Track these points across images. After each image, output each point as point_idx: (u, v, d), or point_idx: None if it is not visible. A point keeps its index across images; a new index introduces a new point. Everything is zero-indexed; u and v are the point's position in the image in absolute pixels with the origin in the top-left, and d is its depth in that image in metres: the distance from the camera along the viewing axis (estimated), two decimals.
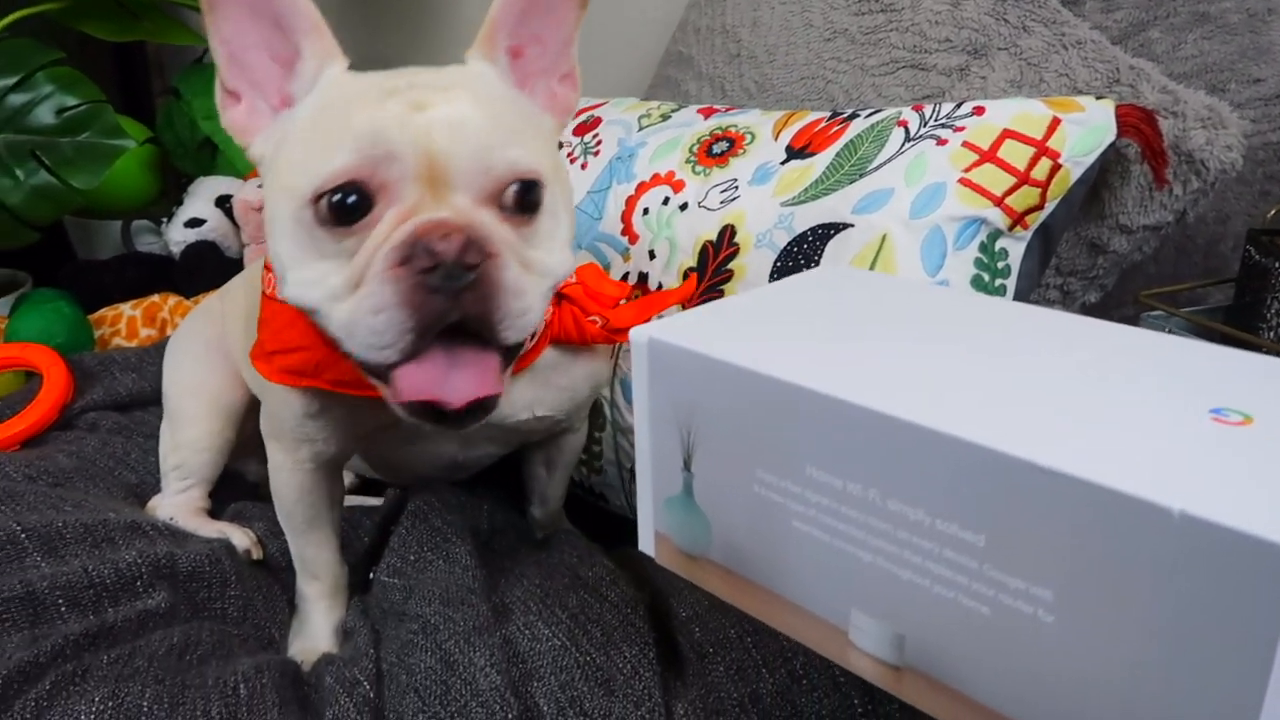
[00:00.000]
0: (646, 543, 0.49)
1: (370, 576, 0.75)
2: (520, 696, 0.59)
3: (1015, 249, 0.73)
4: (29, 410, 0.92)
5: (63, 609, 0.63)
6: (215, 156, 1.49)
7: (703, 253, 0.79)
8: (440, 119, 0.51)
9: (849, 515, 0.38)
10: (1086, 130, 0.71)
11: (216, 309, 0.91)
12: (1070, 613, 0.32)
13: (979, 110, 0.73)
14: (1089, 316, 0.45)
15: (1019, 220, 0.71)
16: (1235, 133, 0.74)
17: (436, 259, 0.47)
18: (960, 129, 0.72)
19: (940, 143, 0.72)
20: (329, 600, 0.73)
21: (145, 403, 1.01)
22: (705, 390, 0.43)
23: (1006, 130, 0.71)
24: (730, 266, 0.77)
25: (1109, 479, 0.30)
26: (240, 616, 0.72)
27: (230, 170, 1.48)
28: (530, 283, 0.52)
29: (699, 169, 0.83)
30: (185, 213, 1.37)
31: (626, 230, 0.86)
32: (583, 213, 0.90)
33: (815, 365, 0.40)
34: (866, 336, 0.44)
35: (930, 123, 0.74)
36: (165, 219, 1.43)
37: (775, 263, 0.74)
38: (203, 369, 0.86)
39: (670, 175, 0.85)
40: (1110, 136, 0.71)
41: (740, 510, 0.43)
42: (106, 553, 0.69)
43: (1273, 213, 0.75)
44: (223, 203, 1.38)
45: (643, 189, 0.86)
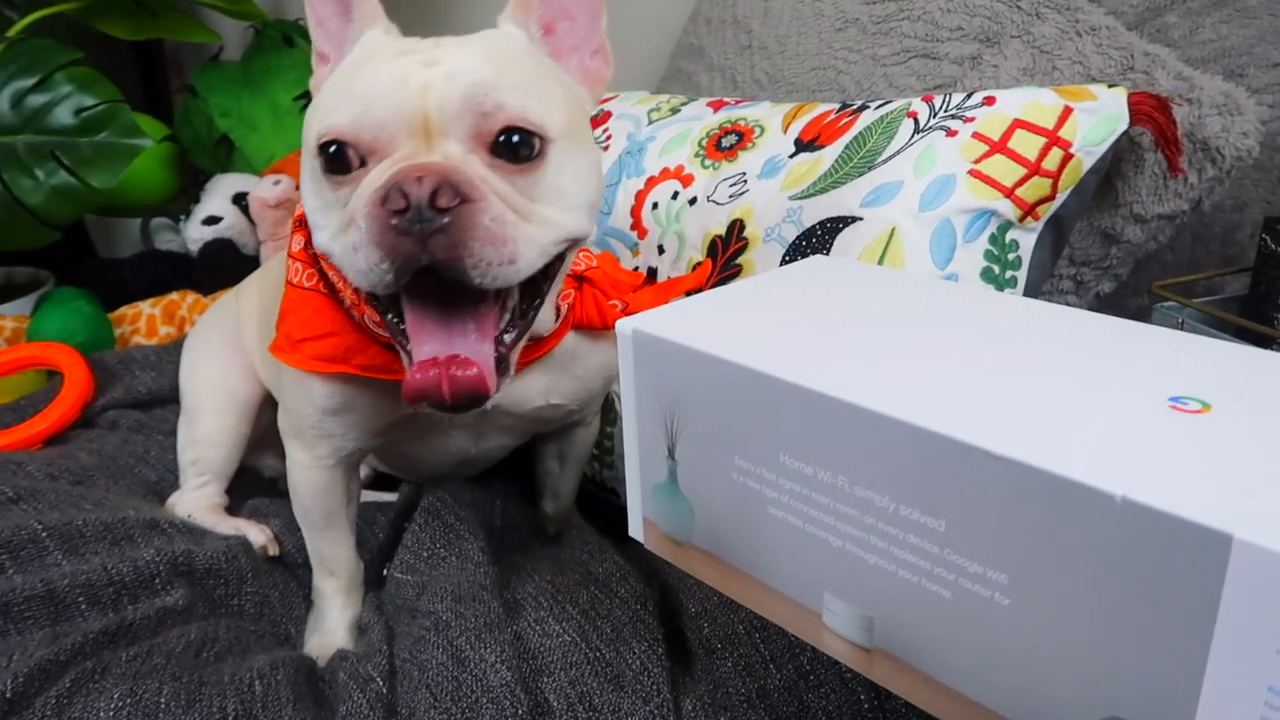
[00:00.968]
0: (636, 528, 0.50)
1: (384, 573, 0.76)
2: (530, 692, 0.59)
3: (1026, 240, 0.72)
4: (51, 409, 0.94)
5: (83, 607, 0.65)
6: (232, 154, 1.50)
7: (711, 247, 0.79)
8: (442, 72, 0.52)
9: (820, 501, 0.40)
10: (1098, 119, 0.70)
11: (232, 305, 0.92)
12: (1024, 595, 0.33)
13: (989, 100, 0.72)
14: (1079, 309, 0.45)
15: (1030, 211, 0.71)
16: (1252, 119, 0.73)
17: (408, 200, 0.48)
18: (970, 119, 0.71)
19: (950, 134, 0.71)
20: (345, 596, 0.74)
21: (164, 400, 1.03)
22: (687, 380, 0.44)
23: (1017, 120, 0.70)
24: (739, 261, 0.77)
25: (1056, 465, 0.31)
26: (257, 613, 0.73)
27: (247, 167, 1.49)
28: (523, 231, 0.52)
29: (708, 163, 0.83)
30: (202, 210, 1.39)
31: (636, 225, 0.86)
32: None
33: (789, 356, 0.41)
34: (842, 328, 0.45)
35: (940, 114, 0.73)
36: (183, 216, 1.44)
37: (784, 256, 0.74)
38: (218, 364, 0.88)
39: (679, 169, 0.85)
40: (1123, 125, 0.70)
41: (720, 497, 0.44)
42: (126, 550, 0.70)
43: None
44: (239, 200, 1.39)
45: (652, 183, 0.86)
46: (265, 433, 0.88)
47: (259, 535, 0.80)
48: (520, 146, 0.53)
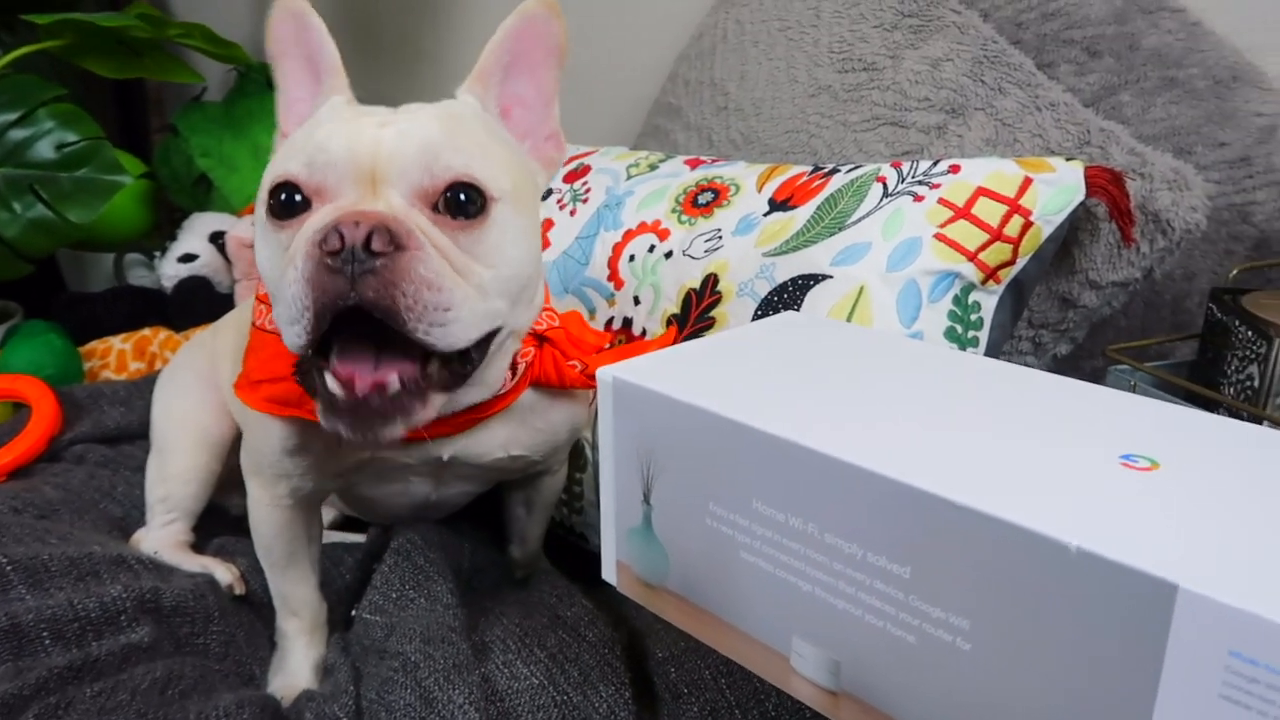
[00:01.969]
0: (609, 571, 0.51)
1: (352, 614, 0.76)
2: None
3: (988, 302, 0.75)
4: (16, 441, 0.93)
5: (47, 642, 0.64)
6: (210, 193, 1.51)
7: (686, 300, 0.81)
8: (394, 130, 0.55)
9: (791, 547, 0.41)
10: (1057, 190, 0.73)
11: (208, 343, 0.92)
12: (985, 641, 0.35)
13: (954, 168, 0.75)
14: (1037, 370, 0.47)
15: (991, 275, 0.74)
16: (1199, 194, 0.77)
17: (343, 241, 0.50)
18: (936, 186, 0.75)
19: (917, 199, 0.74)
20: (308, 637, 0.73)
21: (132, 436, 1.02)
22: (664, 428, 0.46)
23: (980, 188, 0.74)
24: (712, 314, 0.79)
25: (1015, 516, 0.33)
26: (222, 652, 0.72)
27: (225, 206, 1.50)
28: (462, 290, 0.53)
29: (684, 218, 0.86)
30: (179, 248, 1.39)
31: (613, 276, 0.88)
32: (570, 258, 0.92)
33: (763, 406, 0.43)
34: (814, 381, 0.47)
35: (907, 179, 0.76)
36: (158, 253, 1.45)
37: (756, 311, 0.76)
38: (192, 401, 0.88)
39: (656, 224, 0.87)
40: (1079, 196, 0.74)
41: (694, 541, 0.46)
42: (91, 586, 0.70)
43: (1235, 272, 0.77)
44: (216, 239, 1.40)
45: (629, 236, 0.88)
46: (235, 471, 0.88)
47: (226, 574, 0.79)
48: (466, 204, 0.55)
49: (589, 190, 0.96)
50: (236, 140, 1.51)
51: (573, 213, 0.95)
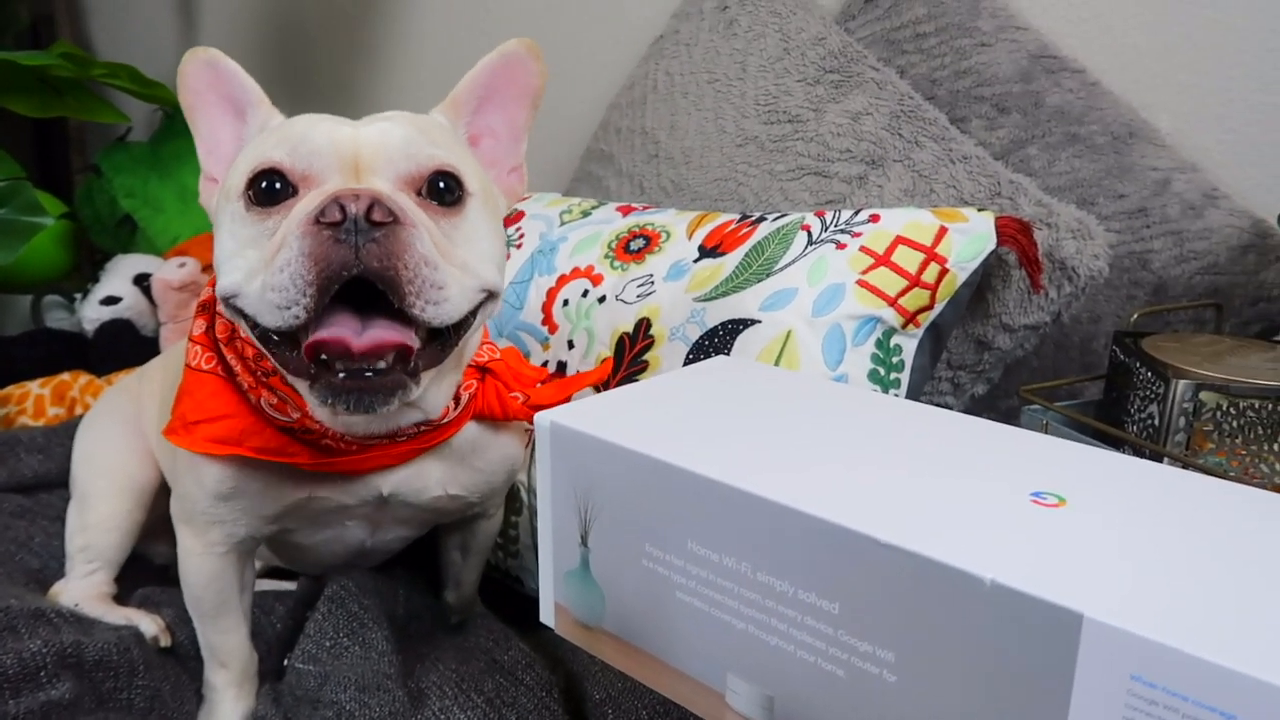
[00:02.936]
0: (547, 614, 0.52)
1: (285, 663, 0.75)
2: None
3: (908, 345, 0.78)
4: None
5: None
6: (134, 234, 1.48)
7: (619, 344, 0.83)
8: (374, 129, 0.57)
9: (725, 586, 0.43)
10: (970, 239, 0.77)
11: (134, 388, 0.90)
12: (909, 672, 0.37)
13: (874, 218, 0.79)
14: (954, 411, 0.50)
15: (911, 319, 0.77)
16: (1102, 243, 0.82)
17: (344, 214, 0.51)
18: (858, 234, 0.78)
19: (840, 246, 0.78)
20: (237, 689, 0.72)
21: (51, 485, 0.99)
22: (600, 471, 0.47)
23: (899, 237, 0.77)
24: (646, 358, 0.81)
25: (934, 551, 0.36)
26: (147, 707, 0.70)
27: (149, 248, 1.47)
28: (448, 268, 0.54)
29: (617, 264, 0.88)
30: (101, 290, 1.36)
31: (547, 320, 0.89)
32: (505, 303, 0.93)
33: (696, 449, 0.45)
34: (745, 424, 0.49)
35: (831, 228, 0.79)
36: (79, 295, 1.41)
37: (688, 355, 0.78)
38: (115, 448, 0.86)
39: (590, 269, 0.89)
40: (991, 244, 0.78)
41: (631, 582, 0.47)
42: (9, 641, 0.67)
43: (1135, 316, 0.82)
44: (140, 281, 1.37)
45: (563, 281, 0.90)
46: (159, 520, 0.86)
47: (151, 625, 0.77)
48: (446, 191, 0.57)
49: (523, 236, 0.97)
50: (162, 181, 1.48)
51: (506, 258, 0.96)
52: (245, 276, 0.55)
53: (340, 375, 0.52)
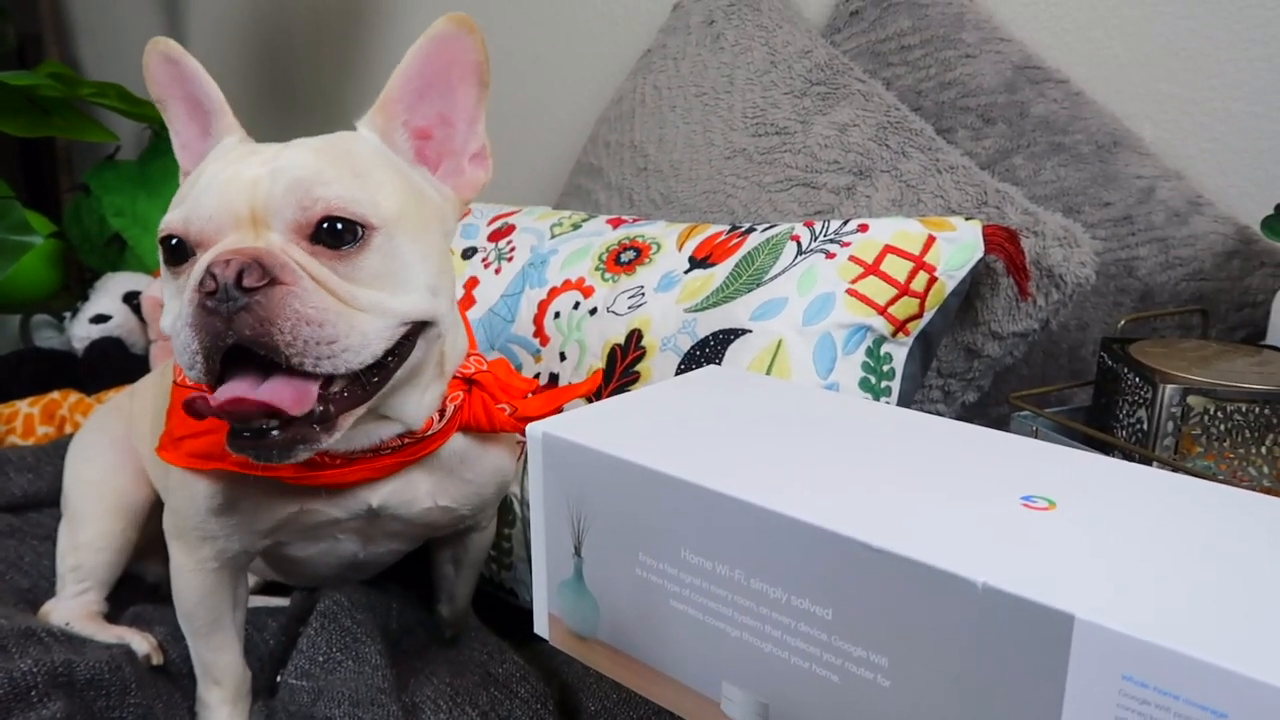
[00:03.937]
0: (541, 625, 0.52)
1: (278, 679, 0.75)
2: None
3: (898, 353, 0.79)
4: None
5: None
6: (124, 253, 1.48)
7: (611, 355, 0.83)
8: (270, 168, 0.56)
9: (719, 594, 0.43)
10: (958, 247, 0.78)
11: (125, 406, 0.90)
12: (902, 676, 0.37)
13: (863, 227, 0.79)
14: (944, 418, 0.50)
15: (901, 327, 0.78)
16: (1088, 250, 0.82)
17: (216, 282, 0.51)
18: (847, 244, 0.78)
19: (829, 256, 0.78)
20: (231, 706, 0.72)
21: (41, 504, 0.99)
22: (593, 481, 0.47)
23: (888, 246, 0.78)
24: (637, 369, 0.81)
25: (926, 556, 0.36)
26: None
27: (139, 266, 1.47)
28: (348, 318, 0.54)
29: (608, 276, 0.88)
30: (91, 308, 1.36)
31: (539, 333, 0.89)
32: (496, 315, 0.93)
33: (689, 458, 0.45)
34: (737, 432, 0.49)
35: (820, 238, 0.80)
36: (69, 314, 1.41)
37: (679, 365, 0.79)
38: (107, 466, 0.86)
39: (580, 281, 0.89)
40: (979, 253, 0.79)
41: (625, 592, 0.47)
42: None
43: (1123, 323, 0.83)
44: (130, 299, 1.37)
45: (554, 294, 0.90)
46: (151, 538, 0.86)
47: (142, 644, 0.77)
48: (341, 234, 0.56)
49: (514, 249, 0.97)
50: (151, 199, 1.48)
51: (498, 271, 0.96)
52: (170, 325, 0.56)
53: (245, 434, 0.53)
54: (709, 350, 0.78)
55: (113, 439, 0.87)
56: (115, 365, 1.28)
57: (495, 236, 1.01)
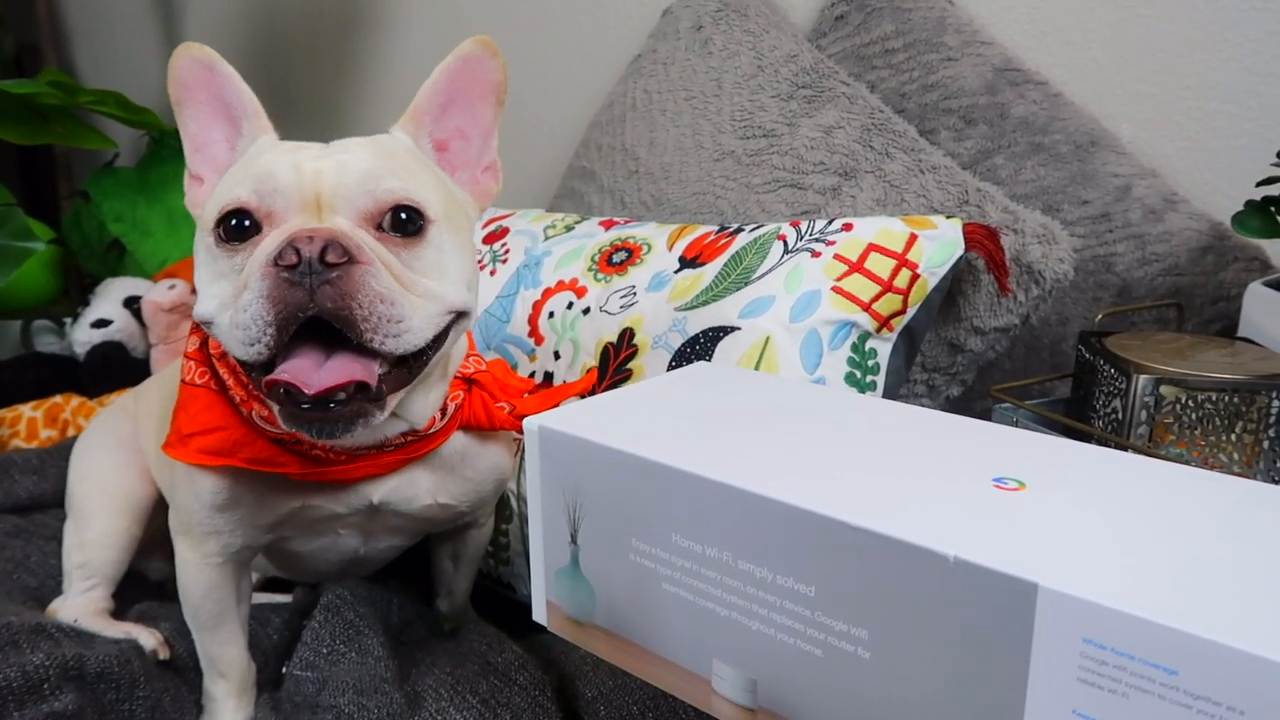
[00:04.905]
0: (540, 612, 0.54)
1: (283, 671, 0.77)
2: None
3: (883, 349, 0.81)
4: None
5: None
6: (123, 258, 1.50)
7: (604, 353, 0.85)
8: (333, 161, 0.59)
9: (708, 576, 0.45)
10: (939, 245, 0.80)
11: (130, 407, 0.92)
12: (881, 648, 0.39)
13: (848, 226, 0.82)
14: (921, 407, 0.53)
15: (885, 323, 0.80)
16: (1066, 247, 0.85)
17: (299, 256, 0.53)
18: (832, 243, 0.81)
19: (815, 255, 0.80)
20: (237, 699, 0.73)
21: (45, 505, 1.01)
22: (588, 471, 0.50)
23: (871, 244, 0.80)
24: (629, 366, 0.83)
25: (901, 532, 0.38)
26: (148, 718, 0.72)
27: (139, 271, 1.49)
28: (409, 301, 0.57)
29: (600, 276, 0.90)
30: (92, 313, 1.38)
31: (533, 332, 0.92)
32: (492, 316, 0.95)
33: (679, 447, 0.47)
34: (725, 424, 0.51)
35: (806, 237, 0.82)
36: (69, 319, 1.43)
37: (671, 362, 0.81)
38: (112, 465, 0.87)
39: (574, 281, 0.91)
40: (960, 250, 0.81)
41: (619, 576, 0.49)
42: (11, 655, 0.69)
43: (1100, 317, 0.85)
44: (130, 303, 1.38)
45: (548, 294, 0.92)
46: (155, 535, 0.88)
47: (150, 639, 0.79)
48: (407, 222, 0.59)
49: (508, 251, 1.00)
50: (150, 205, 1.50)
51: (493, 273, 0.98)
52: (217, 307, 0.58)
53: (303, 406, 0.55)
54: (699, 347, 0.80)
55: (117, 439, 0.89)
56: (116, 369, 1.30)
57: (490, 239, 1.03)
